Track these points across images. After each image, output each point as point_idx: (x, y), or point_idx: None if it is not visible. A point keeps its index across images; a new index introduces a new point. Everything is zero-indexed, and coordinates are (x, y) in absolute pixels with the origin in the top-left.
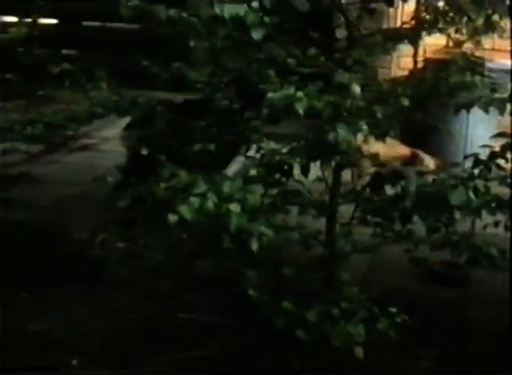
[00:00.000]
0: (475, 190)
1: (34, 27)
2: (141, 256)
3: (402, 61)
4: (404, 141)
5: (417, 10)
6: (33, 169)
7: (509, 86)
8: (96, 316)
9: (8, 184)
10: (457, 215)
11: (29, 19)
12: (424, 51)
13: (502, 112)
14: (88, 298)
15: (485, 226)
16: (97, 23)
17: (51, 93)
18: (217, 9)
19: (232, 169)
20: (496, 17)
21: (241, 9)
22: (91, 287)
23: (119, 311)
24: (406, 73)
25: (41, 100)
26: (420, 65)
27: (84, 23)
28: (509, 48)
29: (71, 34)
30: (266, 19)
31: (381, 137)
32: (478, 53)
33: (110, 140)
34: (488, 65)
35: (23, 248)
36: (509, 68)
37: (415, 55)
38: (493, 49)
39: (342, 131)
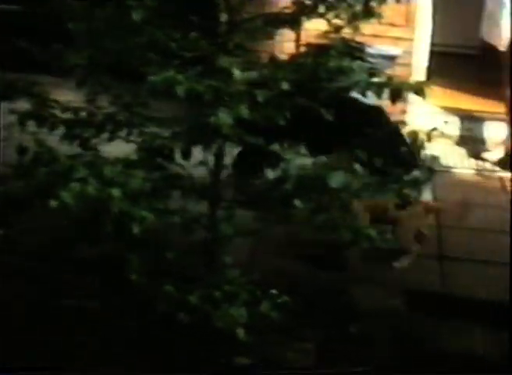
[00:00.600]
0: (354, 172)
1: None
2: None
3: (285, 46)
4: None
5: None
6: None
7: (388, 71)
8: None
9: None
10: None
11: None
12: (307, 36)
13: (379, 96)
14: None
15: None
16: None
17: None
18: None
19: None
20: (374, 3)
21: None
22: None
23: None
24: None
25: None
26: (302, 50)
27: None
28: (389, 34)
29: None
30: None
31: (264, 121)
32: (359, 39)
33: None
34: (369, 50)
35: None
36: (389, 54)
37: (297, 40)
38: (374, 35)
39: (222, 115)
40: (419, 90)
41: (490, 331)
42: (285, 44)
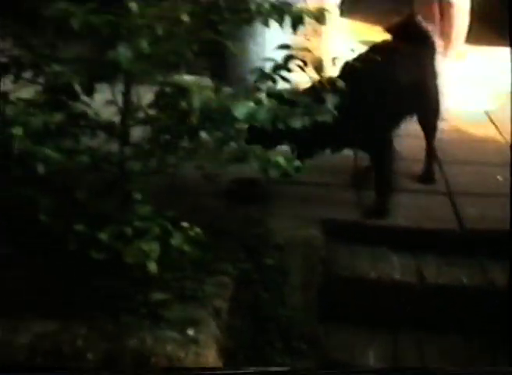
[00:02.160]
0: (258, 102)
1: None
2: None
3: None
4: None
5: None
6: None
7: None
8: None
9: None
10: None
11: None
12: None
13: (280, 23)
14: None
15: None
16: None
17: None
18: None
19: None
20: None
21: None
22: None
23: None
24: None
25: None
26: None
27: None
28: None
29: None
30: None
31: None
32: None
33: None
34: None
35: None
36: None
37: None
38: None
39: (121, 49)
40: (319, 16)
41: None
42: None
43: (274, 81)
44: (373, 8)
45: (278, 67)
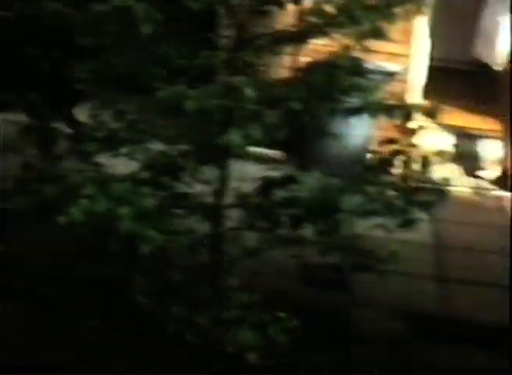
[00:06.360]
0: (366, 194)
1: None
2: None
3: (285, 59)
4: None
5: (304, 12)
6: None
7: (386, 88)
8: None
9: None
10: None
11: None
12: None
13: (391, 117)
14: None
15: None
16: None
17: None
18: None
19: None
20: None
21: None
22: None
23: None
24: (289, 72)
25: None
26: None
27: None
28: (385, 50)
29: None
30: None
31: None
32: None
33: None
34: (368, 66)
35: None
36: (388, 70)
37: (295, 54)
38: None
39: (233, 135)
40: (431, 112)
41: None
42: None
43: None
44: (456, 90)
45: (383, 161)
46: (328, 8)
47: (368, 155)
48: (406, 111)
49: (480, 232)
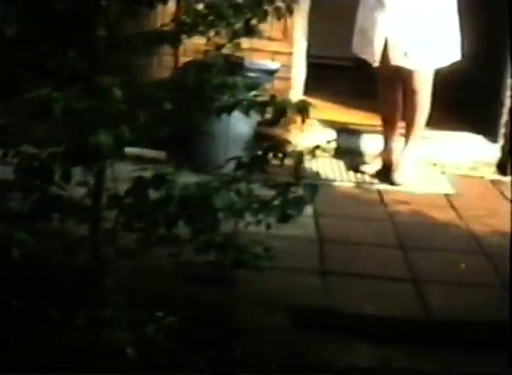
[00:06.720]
0: (238, 192)
1: None
2: None
3: (163, 59)
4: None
5: (177, 12)
6: None
7: (266, 86)
8: None
9: None
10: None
11: None
12: (185, 50)
13: (262, 115)
14: None
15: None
16: None
17: None
18: None
19: None
20: (254, 21)
21: None
22: None
23: None
24: (167, 71)
25: None
26: (181, 64)
27: None
28: (267, 49)
29: None
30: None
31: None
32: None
33: None
34: (247, 64)
35: None
36: (268, 68)
37: (176, 54)
38: (252, 49)
39: (103, 136)
40: (304, 109)
41: None
42: (163, 57)
43: (252, 172)
44: (335, 86)
45: (257, 158)
46: (201, 8)
47: (245, 152)
48: (279, 108)
49: (359, 225)
